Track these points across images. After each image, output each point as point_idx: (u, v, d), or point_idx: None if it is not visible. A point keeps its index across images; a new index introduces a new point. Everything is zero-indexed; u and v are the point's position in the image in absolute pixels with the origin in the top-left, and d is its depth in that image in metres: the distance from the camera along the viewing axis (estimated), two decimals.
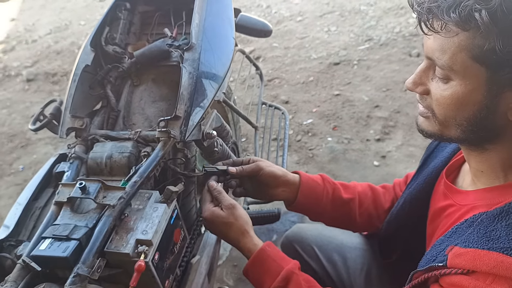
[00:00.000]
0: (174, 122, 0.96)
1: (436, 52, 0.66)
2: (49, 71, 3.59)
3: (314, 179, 1.07)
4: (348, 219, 1.09)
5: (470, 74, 0.64)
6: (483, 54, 0.61)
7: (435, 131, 0.74)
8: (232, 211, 0.94)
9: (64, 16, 4.56)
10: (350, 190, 1.09)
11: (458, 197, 0.80)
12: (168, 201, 0.89)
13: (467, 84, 0.65)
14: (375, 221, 1.10)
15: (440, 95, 0.69)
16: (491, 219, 0.67)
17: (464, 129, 0.70)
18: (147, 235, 0.80)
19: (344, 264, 1.18)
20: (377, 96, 2.64)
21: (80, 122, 1.02)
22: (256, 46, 3.37)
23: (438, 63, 0.66)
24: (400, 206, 1.01)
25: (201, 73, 1.02)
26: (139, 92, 1.11)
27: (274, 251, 0.92)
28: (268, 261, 0.90)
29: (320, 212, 1.08)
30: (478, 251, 0.64)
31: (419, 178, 0.98)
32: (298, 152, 2.38)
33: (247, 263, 0.93)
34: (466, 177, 0.84)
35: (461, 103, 0.67)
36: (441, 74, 0.67)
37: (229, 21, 1.19)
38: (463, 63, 0.63)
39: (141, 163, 0.92)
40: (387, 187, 1.15)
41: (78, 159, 0.97)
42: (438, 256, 0.71)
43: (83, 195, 0.83)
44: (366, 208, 1.09)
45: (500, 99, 0.64)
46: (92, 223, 0.81)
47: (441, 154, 0.95)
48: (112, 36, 1.16)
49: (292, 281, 0.87)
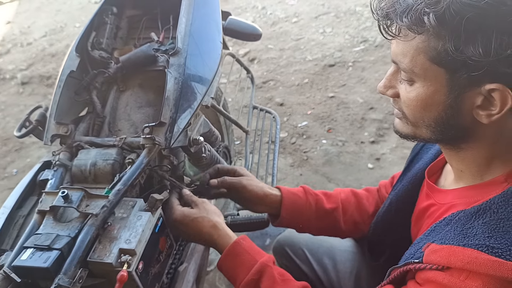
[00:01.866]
0: (159, 128, 0.94)
1: (399, 56, 0.68)
2: (43, 74, 3.57)
3: (295, 193, 1.08)
4: (334, 228, 1.10)
5: (430, 76, 0.65)
6: (439, 56, 0.63)
7: (409, 132, 0.76)
8: (203, 205, 0.95)
9: (59, 18, 4.54)
10: (333, 199, 1.10)
11: (439, 196, 0.81)
12: (153, 209, 0.88)
13: (429, 85, 0.66)
14: (361, 227, 1.11)
15: (406, 97, 0.71)
16: (468, 217, 0.68)
17: (433, 130, 0.71)
18: (131, 244, 0.79)
19: (334, 268, 1.19)
20: (372, 98, 2.63)
21: (64, 128, 1.00)
22: (251, 48, 3.36)
23: (401, 66, 0.69)
24: (386, 208, 1.01)
25: (187, 78, 1.01)
26: (125, 98, 1.10)
27: (249, 244, 0.92)
28: (242, 254, 0.90)
29: (305, 225, 1.09)
30: (454, 247, 0.64)
31: (404, 179, 0.98)
32: (293, 154, 2.37)
33: (221, 256, 0.92)
34: (448, 177, 0.84)
35: (426, 104, 0.68)
36: (405, 77, 0.69)
37: (216, 25, 1.18)
38: (422, 65, 0.65)
39: (125, 171, 0.91)
40: (370, 190, 1.16)
41: (62, 166, 0.95)
42: (415, 254, 0.71)
43: (65, 204, 0.82)
44: (350, 215, 1.09)
45: (463, 98, 0.65)
46: (74, 233, 0.80)
47: (425, 155, 0.95)
48: (99, 41, 1.15)
49: (266, 274, 0.87)
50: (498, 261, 0.59)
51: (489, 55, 0.58)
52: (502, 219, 0.64)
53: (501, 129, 0.67)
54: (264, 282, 0.87)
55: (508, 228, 0.62)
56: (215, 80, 1.12)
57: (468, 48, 0.59)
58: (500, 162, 0.71)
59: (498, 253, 0.60)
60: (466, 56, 0.59)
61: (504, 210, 0.65)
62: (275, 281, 0.87)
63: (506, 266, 0.58)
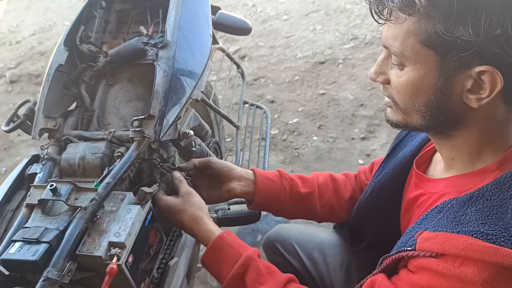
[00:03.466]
0: (148, 121, 0.94)
1: (390, 39, 0.68)
2: (32, 72, 3.54)
3: (269, 177, 1.07)
4: (310, 212, 1.10)
5: (421, 58, 0.66)
6: (429, 38, 0.63)
7: (400, 120, 0.76)
8: (187, 197, 0.94)
9: (48, 16, 4.50)
10: (309, 183, 1.09)
11: (429, 186, 0.81)
12: (142, 202, 0.87)
13: (419, 69, 0.66)
14: (338, 212, 1.11)
15: (397, 82, 0.70)
16: (461, 204, 0.68)
17: (423, 115, 0.71)
18: (120, 238, 0.79)
19: (324, 261, 1.19)
20: (362, 94, 2.64)
21: (53, 122, 1.00)
22: (242, 45, 3.35)
23: (392, 50, 0.69)
24: (369, 195, 1.01)
25: (176, 71, 1.01)
26: (114, 92, 1.10)
27: (232, 238, 0.91)
28: (226, 248, 0.89)
29: (279, 208, 1.08)
30: (447, 234, 0.64)
31: (387, 166, 0.99)
32: (284, 151, 2.38)
33: (205, 252, 0.91)
34: (437, 166, 0.85)
35: (416, 88, 0.68)
36: (396, 61, 0.69)
37: (205, 19, 1.17)
38: (412, 48, 0.65)
39: (115, 164, 0.90)
40: (348, 175, 1.16)
41: (51, 160, 0.95)
42: (408, 242, 0.71)
43: (54, 197, 0.81)
44: (327, 200, 1.09)
45: (453, 82, 0.65)
46: (63, 226, 0.79)
47: (410, 143, 0.96)
48: (87, 35, 1.15)
49: (251, 267, 0.87)
50: (493, 247, 0.59)
51: (479, 35, 0.58)
52: (495, 206, 0.64)
53: (492, 114, 0.67)
54: (250, 275, 0.86)
55: (501, 215, 0.63)
56: (205, 74, 1.12)
57: (458, 29, 0.59)
58: (490, 149, 0.71)
59: (492, 239, 0.60)
60: (456, 37, 0.60)
61: (497, 197, 0.65)
62: (260, 274, 0.86)
63: (501, 251, 0.59)
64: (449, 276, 0.63)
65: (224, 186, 1.05)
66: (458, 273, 0.61)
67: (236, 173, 1.04)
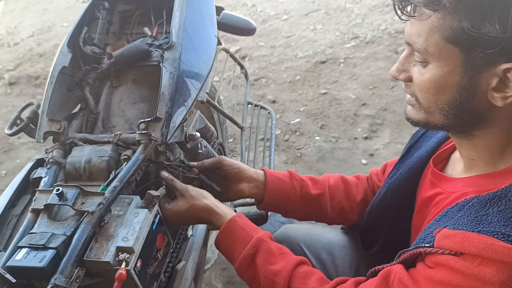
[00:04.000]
0: (154, 124, 0.93)
1: (413, 36, 0.67)
2: (31, 74, 3.52)
3: (280, 177, 1.07)
4: (320, 214, 1.09)
5: (445, 55, 0.65)
6: (454, 34, 0.62)
7: (421, 119, 0.75)
8: (187, 193, 0.93)
9: (46, 18, 4.48)
10: (320, 185, 1.09)
11: (447, 185, 0.80)
12: (150, 206, 0.86)
13: (443, 66, 0.66)
14: (349, 214, 1.10)
15: (420, 79, 0.70)
16: (482, 203, 0.67)
17: (446, 114, 0.70)
18: (128, 242, 0.78)
19: (333, 263, 1.18)
20: (364, 94, 2.63)
21: (57, 125, 0.98)
22: (242, 45, 3.34)
23: (415, 47, 0.68)
24: (382, 196, 1.00)
25: (182, 72, 1.00)
26: (119, 94, 1.08)
27: (244, 221, 0.92)
28: (237, 230, 0.90)
29: (289, 209, 1.08)
30: (468, 233, 0.63)
31: (402, 167, 0.98)
32: (286, 151, 2.37)
33: (218, 234, 0.92)
34: (456, 166, 0.83)
35: (440, 86, 0.67)
36: (419, 58, 0.68)
37: (210, 19, 1.16)
38: (437, 44, 0.64)
39: (121, 167, 0.89)
40: (360, 177, 1.15)
41: (56, 164, 0.93)
42: (426, 238, 0.71)
43: (60, 202, 0.80)
44: (338, 202, 1.08)
45: (478, 80, 0.64)
46: (70, 231, 0.78)
47: (426, 144, 0.95)
48: (91, 36, 1.13)
49: (262, 248, 0.88)
50: None
51: (506, 31, 0.57)
52: None
53: None
54: (261, 256, 0.87)
55: None
56: (210, 75, 1.10)
57: (485, 25, 0.58)
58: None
59: None
60: (483, 33, 0.59)
61: None
62: (272, 254, 0.87)
63: None
64: (467, 274, 0.62)
65: (233, 187, 1.04)
66: (477, 272, 0.61)
67: (246, 174, 1.04)
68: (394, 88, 2.60)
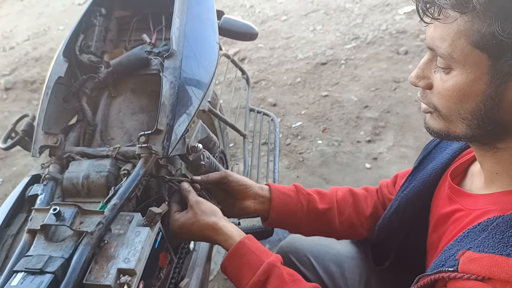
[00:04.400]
0: (155, 136, 0.89)
1: (437, 40, 0.63)
2: (27, 79, 3.47)
3: (286, 192, 1.02)
4: (328, 229, 1.05)
5: (471, 62, 0.61)
6: (483, 39, 0.58)
7: (441, 128, 0.70)
8: (197, 207, 0.89)
9: (42, 21, 4.43)
10: (327, 199, 1.04)
11: (467, 201, 0.76)
12: (152, 223, 0.82)
13: (468, 73, 0.61)
14: (358, 229, 1.06)
15: (442, 87, 0.66)
16: (508, 224, 0.63)
17: (469, 124, 0.66)
18: (130, 264, 0.74)
19: (342, 275, 1.14)
20: (366, 96, 2.59)
21: (54, 139, 0.94)
22: (241, 47, 3.30)
23: (438, 52, 0.64)
24: (394, 210, 0.96)
25: (184, 81, 0.95)
26: (117, 104, 1.04)
27: (254, 244, 0.86)
28: (247, 254, 0.84)
29: (296, 225, 1.03)
30: (495, 256, 0.59)
31: (415, 180, 0.93)
32: (288, 156, 2.32)
33: (225, 257, 0.87)
34: (475, 180, 0.79)
35: (464, 94, 0.63)
36: (442, 63, 0.64)
37: (211, 25, 1.12)
38: (462, 49, 0.60)
39: (121, 183, 0.85)
40: (369, 190, 1.10)
41: (52, 180, 0.89)
42: (447, 261, 0.66)
43: (57, 222, 0.76)
44: (347, 217, 1.04)
45: (505, 88, 0.60)
46: (68, 253, 0.74)
47: (440, 155, 0.90)
48: (87, 44, 1.09)
49: (274, 275, 0.82)
50: None
51: None
52: None
53: None
54: (272, 283, 0.81)
55: None
56: (212, 83, 1.06)
57: None
58: None
59: None
60: None
61: None
62: (284, 281, 0.81)
63: None
64: None
65: (238, 204, 1.00)
66: None
67: (252, 191, 0.99)
68: (397, 90, 2.56)
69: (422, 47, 2.85)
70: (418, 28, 3.01)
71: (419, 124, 2.27)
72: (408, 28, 3.04)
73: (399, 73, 2.66)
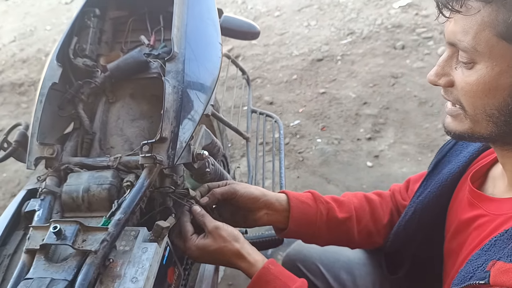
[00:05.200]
0: (159, 145, 0.83)
1: (458, 34, 0.61)
2: (15, 82, 3.38)
3: (304, 201, 0.96)
4: (346, 238, 1.00)
5: (497, 54, 0.58)
6: (509, 30, 0.55)
7: (466, 130, 0.67)
8: (217, 233, 0.83)
9: (28, 21, 4.32)
10: (345, 207, 0.99)
11: (491, 206, 0.72)
12: (159, 238, 0.77)
13: (494, 66, 0.59)
14: (375, 237, 1.01)
15: (465, 82, 0.63)
16: None
17: (496, 121, 0.63)
18: (138, 284, 0.69)
19: (354, 283, 1.10)
20: (365, 92, 2.55)
21: (50, 150, 0.88)
22: (235, 45, 3.24)
23: (460, 46, 0.61)
24: (409, 217, 0.92)
25: (187, 86, 0.90)
26: (116, 110, 0.99)
27: (279, 269, 0.82)
28: (272, 281, 0.80)
29: (314, 235, 0.98)
30: None
31: (431, 185, 0.90)
32: (288, 156, 2.28)
33: (249, 283, 0.82)
34: (497, 184, 0.76)
35: (489, 89, 0.60)
36: (465, 58, 0.61)
37: (213, 24, 1.06)
38: (487, 42, 0.58)
39: (124, 196, 0.80)
40: (383, 196, 1.06)
41: (50, 194, 0.83)
42: (476, 273, 0.63)
43: (58, 241, 0.70)
44: (365, 225, 0.99)
45: None
46: (71, 275, 0.69)
47: (456, 158, 0.87)
48: (82, 47, 1.03)
49: None
50: None
51: None
52: None
53: None
54: None
55: None
56: (216, 86, 1.01)
57: None
58: None
59: None
60: None
61: None
62: None
63: None
64: None
65: (250, 216, 0.94)
66: None
67: (265, 201, 0.93)
68: (395, 85, 2.53)
69: (419, 42, 2.81)
70: (414, 22, 2.98)
71: (419, 120, 2.24)
72: (403, 22, 3.00)
73: (396, 68, 2.63)
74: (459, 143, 0.90)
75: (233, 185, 0.93)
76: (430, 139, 2.10)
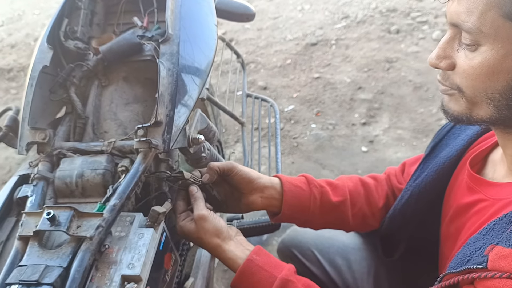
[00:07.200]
0: (154, 129, 0.81)
1: (462, 15, 0.59)
2: (4, 67, 3.32)
3: (298, 184, 0.95)
4: (341, 222, 0.99)
5: (502, 35, 0.56)
6: None
7: (463, 111, 0.66)
8: (200, 224, 0.82)
9: (16, 6, 4.23)
10: (340, 190, 0.98)
11: (490, 191, 0.71)
12: (155, 224, 0.76)
13: (499, 48, 0.57)
14: (370, 221, 1.01)
15: (468, 65, 0.61)
16: None
17: (497, 104, 0.61)
18: (135, 270, 0.68)
19: (349, 268, 1.10)
20: (359, 77, 2.54)
21: (41, 134, 0.86)
22: (227, 29, 3.20)
23: (464, 27, 0.59)
24: (406, 201, 0.91)
25: (182, 68, 0.88)
26: (109, 94, 0.96)
27: (263, 258, 0.80)
28: (258, 272, 0.78)
29: (308, 220, 0.97)
30: None
31: (427, 168, 0.89)
32: (282, 141, 2.27)
33: (234, 277, 0.80)
34: (497, 168, 0.75)
35: (493, 72, 0.59)
36: (469, 39, 0.60)
37: (208, 6, 1.04)
38: (493, 22, 0.56)
39: (119, 181, 0.78)
40: (379, 179, 1.05)
41: (43, 179, 0.82)
42: (473, 257, 0.62)
43: (52, 227, 0.69)
44: (359, 209, 0.98)
45: None
46: (66, 261, 0.67)
47: (454, 142, 0.86)
48: (72, 29, 1.00)
49: None
50: None
51: None
52: None
53: None
54: None
55: None
56: (211, 69, 0.99)
57: None
58: None
59: None
60: None
61: None
62: None
63: None
64: None
65: (244, 199, 0.93)
66: None
67: (259, 184, 0.92)
68: (390, 70, 2.52)
69: (414, 26, 2.80)
70: (409, 6, 2.95)
71: (414, 105, 2.23)
72: (398, 6, 2.98)
73: (391, 53, 2.61)
74: (457, 126, 0.89)
75: (231, 162, 0.92)
76: (425, 124, 2.10)
